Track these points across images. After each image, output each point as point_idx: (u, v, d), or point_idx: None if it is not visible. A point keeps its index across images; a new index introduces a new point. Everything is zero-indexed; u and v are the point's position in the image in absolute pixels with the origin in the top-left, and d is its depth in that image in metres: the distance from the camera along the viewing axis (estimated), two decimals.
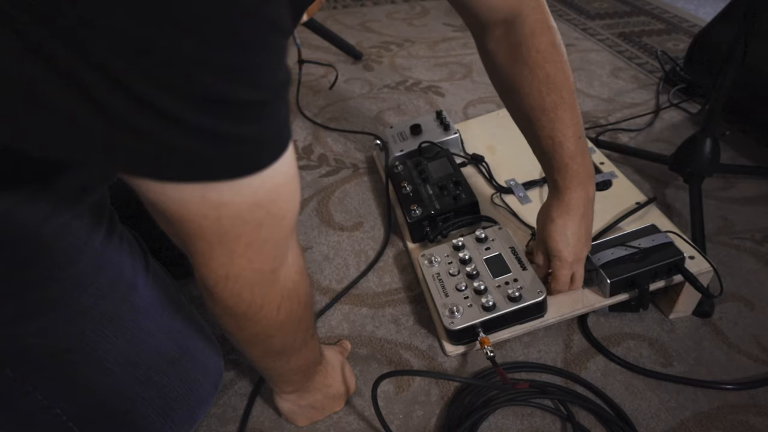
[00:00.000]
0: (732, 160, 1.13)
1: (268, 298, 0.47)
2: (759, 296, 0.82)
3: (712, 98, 0.91)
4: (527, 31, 0.66)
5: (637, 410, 0.68)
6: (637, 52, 1.65)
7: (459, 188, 0.90)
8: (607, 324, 0.79)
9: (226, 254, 0.42)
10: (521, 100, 0.69)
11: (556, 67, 0.67)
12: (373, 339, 0.79)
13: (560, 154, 0.68)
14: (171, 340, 0.60)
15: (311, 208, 1.04)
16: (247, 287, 0.45)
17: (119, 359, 0.55)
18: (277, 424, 0.68)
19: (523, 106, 0.69)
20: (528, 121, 0.70)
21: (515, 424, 0.67)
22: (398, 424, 0.68)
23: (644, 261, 0.72)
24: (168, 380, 0.59)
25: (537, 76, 0.66)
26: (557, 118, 0.66)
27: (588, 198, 0.70)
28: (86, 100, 0.31)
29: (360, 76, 1.53)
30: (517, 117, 0.73)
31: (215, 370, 0.66)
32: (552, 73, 0.66)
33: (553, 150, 0.68)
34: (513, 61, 0.68)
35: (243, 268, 0.43)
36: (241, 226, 0.41)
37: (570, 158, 0.67)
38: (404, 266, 0.90)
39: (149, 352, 0.58)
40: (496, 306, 0.70)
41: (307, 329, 0.57)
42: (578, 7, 2.04)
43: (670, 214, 0.97)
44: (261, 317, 0.48)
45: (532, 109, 0.68)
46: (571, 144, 0.67)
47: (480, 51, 0.73)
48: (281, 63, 0.37)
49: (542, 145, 0.69)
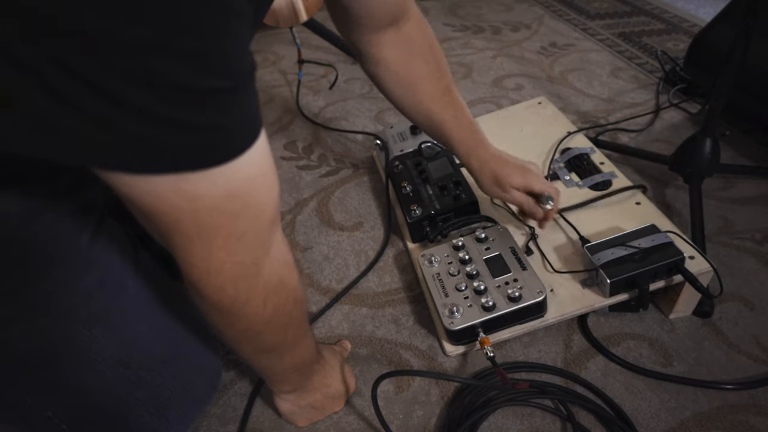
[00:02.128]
0: (732, 160, 1.13)
1: (252, 292, 0.47)
2: (759, 296, 0.82)
3: (712, 98, 0.91)
4: (415, 26, 0.72)
5: (637, 410, 0.68)
6: (637, 52, 1.65)
7: (459, 188, 0.90)
8: (607, 324, 0.79)
9: (205, 247, 0.42)
10: (422, 95, 0.75)
11: (440, 53, 0.75)
12: (373, 339, 0.79)
13: (466, 124, 0.76)
14: (163, 339, 0.60)
15: (311, 208, 1.04)
16: (230, 281, 0.45)
17: (109, 360, 0.54)
18: (277, 424, 0.68)
19: (424, 99, 0.75)
20: (430, 112, 0.76)
21: (515, 424, 0.67)
22: (398, 424, 0.68)
23: (644, 261, 0.72)
24: (161, 380, 0.59)
25: (430, 65, 0.74)
26: (454, 98, 0.76)
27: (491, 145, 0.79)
28: (47, 92, 0.31)
29: (360, 76, 1.53)
30: (419, 112, 0.77)
31: (213, 370, 0.66)
32: (439, 58, 0.75)
33: (460, 125, 0.76)
34: (409, 59, 0.73)
35: (224, 261, 0.43)
36: (218, 217, 0.41)
37: (473, 125, 0.77)
38: (404, 266, 0.90)
39: (140, 352, 0.57)
40: (496, 306, 0.70)
41: (299, 326, 0.57)
42: (578, 7, 2.04)
43: (670, 214, 0.97)
44: (247, 312, 0.48)
45: (433, 98, 0.75)
46: (468, 114, 0.77)
47: (371, 65, 0.76)
48: (245, 50, 0.36)
49: (448, 125, 0.75)
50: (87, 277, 0.52)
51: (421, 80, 0.74)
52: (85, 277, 0.52)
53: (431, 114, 0.76)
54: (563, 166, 0.96)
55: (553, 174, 0.95)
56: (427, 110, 0.76)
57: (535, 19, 1.92)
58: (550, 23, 1.88)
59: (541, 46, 1.70)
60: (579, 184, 0.92)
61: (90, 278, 0.52)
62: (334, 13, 0.71)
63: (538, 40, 1.75)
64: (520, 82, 1.49)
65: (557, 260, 0.80)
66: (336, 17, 0.72)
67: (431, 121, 0.77)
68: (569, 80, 1.48)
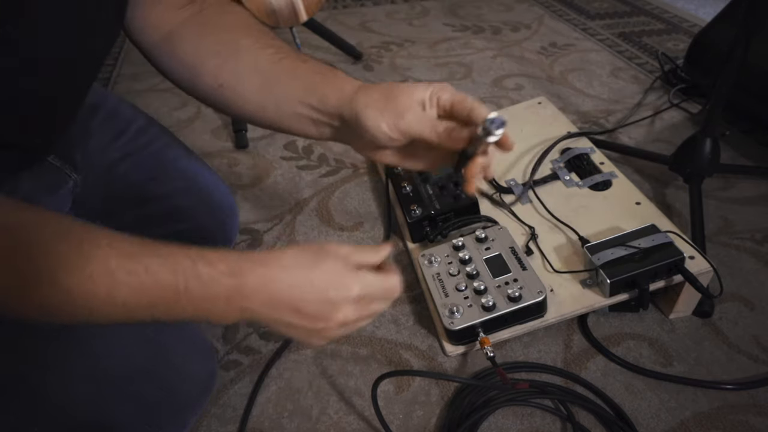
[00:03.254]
0: (732, 160, 1.13)
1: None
2: (759, 296, 0.82)
3: (712, 98, 0.91)
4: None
5: (637, 410, 0.68)
6: (637, 52, 1.65)
7: (459, 188, 0.90)
8: (607, 324, 0.79)
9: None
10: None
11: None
12: (373, 339, 0.79)
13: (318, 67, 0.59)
14: (139, 349, 0.58)
15: (311, 208, 1.04)
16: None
17: (82, 375, 0.52)
18: (277, 424, 0.68)
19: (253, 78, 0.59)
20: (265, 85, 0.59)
21: (515, 424, 0.67)
22: (398, 424, 0.68)
23: (644, 261, 0.72)
24: (143, 389, 0.57)
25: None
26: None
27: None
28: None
29: (360, 76, 1.53)
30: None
31: (201, 374, 0.64)
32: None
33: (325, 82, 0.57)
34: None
35: None
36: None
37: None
38: (404, 266, 0.90)
39: (115, 364, 0.55)
40: (496, 306, 0.70)
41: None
42: (578, 7, 2.04)
43: (670, 214, 0.97)
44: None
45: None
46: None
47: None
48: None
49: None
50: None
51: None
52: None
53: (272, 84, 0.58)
54: (563, 166, 0.96)
55: (553, 174, 0.95)
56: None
57: (535, 19, 1.92)
58: (550, 23, 1.88)
59: (541, 46, 1.70)
60: (579, 184, 0.92)
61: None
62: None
63: (538, 40, 1.75)
64: (520, 82, 1.49)
65: (557, 260, 0.80)
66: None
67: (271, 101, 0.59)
68: (569, 80, 1.48)
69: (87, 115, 0.73)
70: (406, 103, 0.52)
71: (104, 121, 0.75)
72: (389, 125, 0.53)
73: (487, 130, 0.47)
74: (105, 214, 0.72)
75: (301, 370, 0.74)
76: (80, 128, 0.70)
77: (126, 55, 1.69)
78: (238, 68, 0.59)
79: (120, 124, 0.77)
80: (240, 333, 0.80)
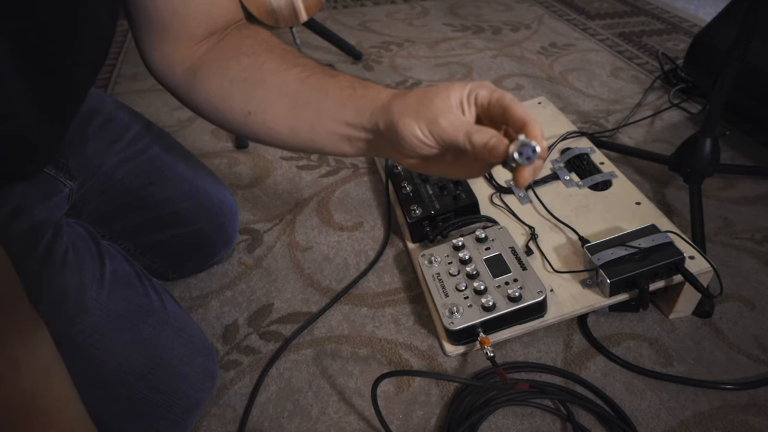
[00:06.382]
0: (732, 160, 1.13)
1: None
2: (759, 296, 0.82)
3: (712, 98, 0.91)
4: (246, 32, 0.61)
5: (637, 410, 0.68)
6: (637, 52, 1.65)
7: (459, 188, 0.90)
8: (607, 324, 0.79)
9: None
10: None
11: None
12: (373, 339, 0.79)
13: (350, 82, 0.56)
14: (136, 353, 0.58)
15: (311, 208, 1.04)
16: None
17: (79, 382, 0.51)
18: (277, 424, 0.68)
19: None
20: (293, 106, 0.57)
21: (515, 424, 0.67)
22: (398, 424, 0.68)
23: (644, 261, 0.72)
24: (141, 394, 0.57)
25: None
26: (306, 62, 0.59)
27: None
28: None
29: (360, 76, 1.53)
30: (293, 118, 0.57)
31: (201, 376, 0.64)
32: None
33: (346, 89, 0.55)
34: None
35: None
36: None
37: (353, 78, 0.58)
38: (404, 266, 0.90)
39: (112, 370, 0.55)
40: (496, 306, 0.70)
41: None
42: (578, 7, 2.04)
43: (670, 214, 0.97)
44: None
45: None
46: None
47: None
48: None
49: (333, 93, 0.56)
50: (40, 303, 0.47)
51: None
52: (38, 304, 0.46)
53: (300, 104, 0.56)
54: (563, 166, 0.96)
55: (553, 174, 0.95)
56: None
57: (535, 19, 1.92)
58: (550, 23, 1.88)
59: (541, 46, 1.70)
60: (579, 184, 0.92)
61: (43, 304, 0.49)
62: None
63: (538, 40, 1.75)
64: (520, 82, 1.49)
65: (557, 260, 0.80)
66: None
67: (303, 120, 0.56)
68: (569, 80, 1.48)
69: (84, 121, 0.72)
70: (441, 106, 0.48)
71: (101, 126, 0.75)
72: (423, 131, 0.48)
73: (513, 156, 0.43)
74: (104, 219, 0.72)
75: (301, 370, 0.74)
76: (77, 134, 0.70)
77: (126, 56, 1.69)
78: (265, 93, 0.57)
79: (117, 129, 0.77)
80: (240, 333, 0.80)
